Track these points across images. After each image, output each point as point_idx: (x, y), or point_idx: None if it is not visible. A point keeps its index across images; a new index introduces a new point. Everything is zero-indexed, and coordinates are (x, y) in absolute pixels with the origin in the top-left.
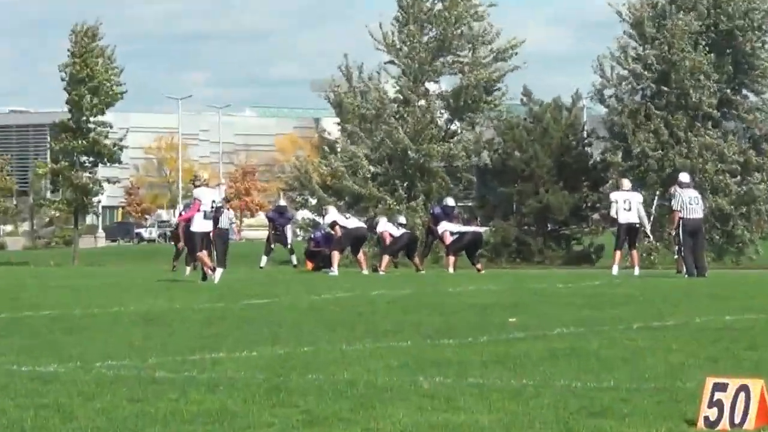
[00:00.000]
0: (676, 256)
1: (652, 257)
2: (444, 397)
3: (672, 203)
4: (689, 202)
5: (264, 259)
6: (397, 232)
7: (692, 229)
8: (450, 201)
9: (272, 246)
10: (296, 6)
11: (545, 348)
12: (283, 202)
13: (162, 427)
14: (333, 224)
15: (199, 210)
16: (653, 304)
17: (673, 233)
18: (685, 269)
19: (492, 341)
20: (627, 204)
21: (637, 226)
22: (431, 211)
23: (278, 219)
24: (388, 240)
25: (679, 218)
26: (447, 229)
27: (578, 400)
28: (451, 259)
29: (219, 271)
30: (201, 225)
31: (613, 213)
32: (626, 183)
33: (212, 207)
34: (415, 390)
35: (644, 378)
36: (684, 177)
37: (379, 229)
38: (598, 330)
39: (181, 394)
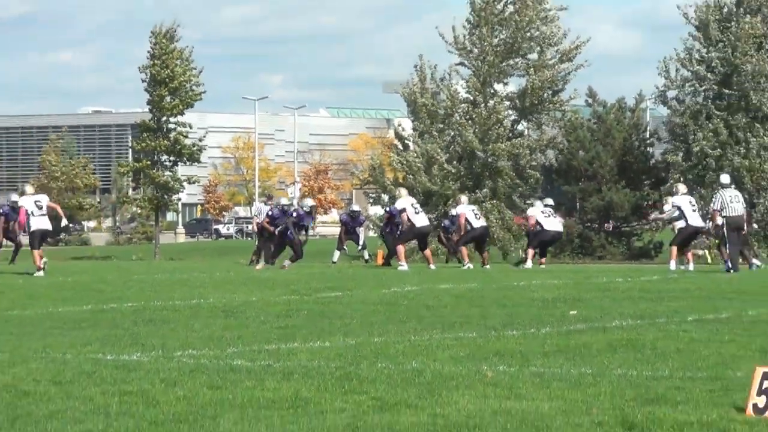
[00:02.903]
0: (717, 250)
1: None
2: (507, 386)
3: (713, 204)
4: (730, 201)
5: (336, 254)
6: (476, 221)
7: (735, 226)
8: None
9: (345, 246)
10: (371, 8)
11: (604, 339)
12: (356, 207)
13: (240, 412)
14: (402, 211)
15: (28, 214)
16: (708, 298)
17: (718, 231)
18: (729, 263)
19: (553, 333)
20: (695, 206)
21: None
22: None
23: (351, 223)
24: (464, 223)
25: (723, 216)
26: (536, 217)
27: (634, 388)
28: (531, 252)
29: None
30: (38, 223)
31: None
32: (683, 187)
33: (38, 205)
34: (479, 379)
35: (697, 368)
36: (725, 178)
37: (458, 210)
38: (655, 322)
39: (257, 381)
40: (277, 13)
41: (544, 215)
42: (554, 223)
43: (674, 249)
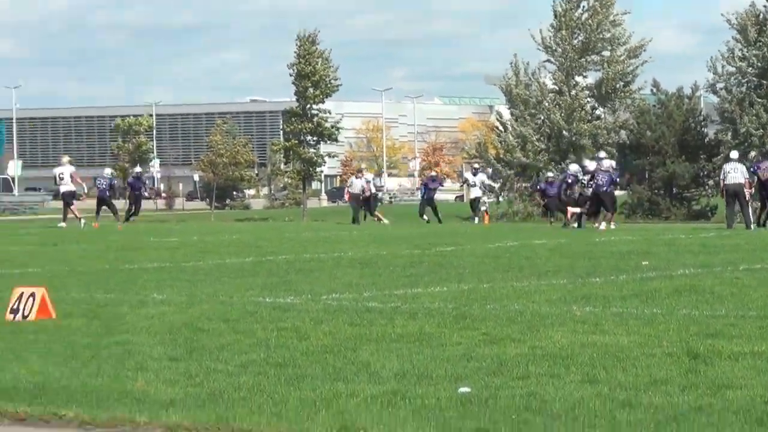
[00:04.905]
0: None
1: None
2: (592, 323)
3: (720, 175)
4: (730, 171)
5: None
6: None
7: (732, 191)
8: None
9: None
10: (477, 15)
11: (671, 285)
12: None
13: (375, 345)
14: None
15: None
16: (755, 251)
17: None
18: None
19: (629, 280)
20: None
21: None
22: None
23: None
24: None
25: (724, 184)
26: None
27: (696, 325)
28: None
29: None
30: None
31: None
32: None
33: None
34: (569, 317)
35: (748, 308)
36: (733, 154)
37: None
38: (712, 271)
39: (389, 320)
40: (401, 20)
41: None
42: None
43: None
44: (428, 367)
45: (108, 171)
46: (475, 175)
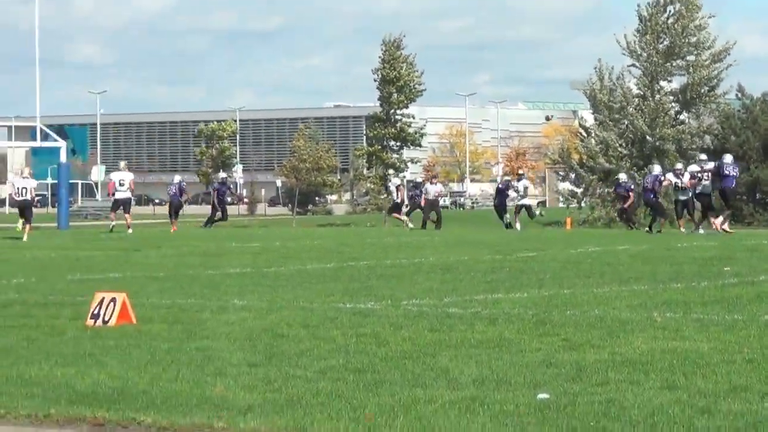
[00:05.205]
0: None
1: None
2: (673, 329)
3: None
4: None
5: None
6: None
7: None
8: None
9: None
10: (560, 21)
11: (753, 291)
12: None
13: (454, 350)
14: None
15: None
16: None
17: None
18: None
19: (711, 286)
20: None
21: None
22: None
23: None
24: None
25: None
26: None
27: None
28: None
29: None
30: (119, 194)
31: None
32: None
33: (120, 182)
34: (650, 323)
35: None
36: None
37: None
38: None
39: (469, 325)
40: (484, 25)
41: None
42: None
43: None
44: (507, 373)
45: (177, 178)
46: (519, 180)
